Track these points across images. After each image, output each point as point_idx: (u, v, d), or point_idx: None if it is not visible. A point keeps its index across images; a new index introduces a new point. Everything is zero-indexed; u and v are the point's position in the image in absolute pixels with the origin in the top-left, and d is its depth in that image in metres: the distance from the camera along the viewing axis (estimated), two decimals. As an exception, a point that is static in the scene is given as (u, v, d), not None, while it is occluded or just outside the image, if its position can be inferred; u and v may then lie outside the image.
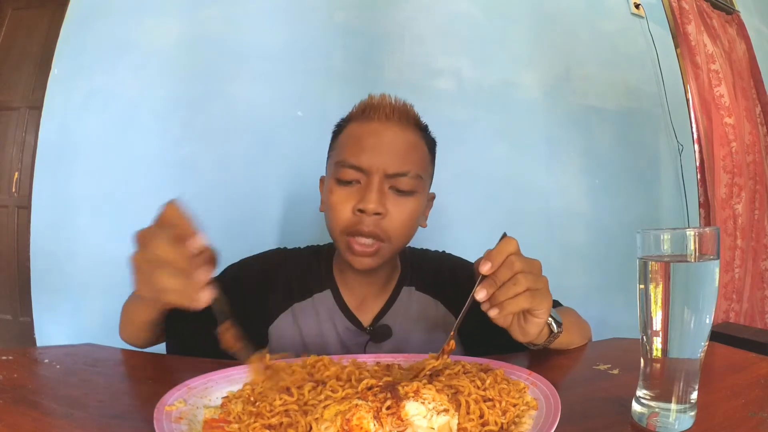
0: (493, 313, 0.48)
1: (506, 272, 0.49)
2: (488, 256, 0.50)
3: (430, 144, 0.76)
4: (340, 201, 0.67)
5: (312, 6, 1.42)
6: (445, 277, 0.79)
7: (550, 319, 0.56)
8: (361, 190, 0.67)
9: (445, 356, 0.50)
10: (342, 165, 0.68)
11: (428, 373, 0.48)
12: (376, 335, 0.73)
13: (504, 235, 0.53)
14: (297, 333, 0.72)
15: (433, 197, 0.78)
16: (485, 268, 0.49)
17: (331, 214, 0.68)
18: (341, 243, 0.68)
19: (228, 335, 0.46)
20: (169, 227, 0.45)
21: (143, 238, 0.46)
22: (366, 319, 0.75)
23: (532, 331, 0.54)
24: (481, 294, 0.48)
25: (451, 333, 0.52)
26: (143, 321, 0.62)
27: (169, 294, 0.43)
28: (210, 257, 0.45)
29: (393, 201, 0.67)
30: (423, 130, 0.74)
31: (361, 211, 0.65)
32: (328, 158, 0.75)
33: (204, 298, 0.43)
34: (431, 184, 0.76)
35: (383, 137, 0.68)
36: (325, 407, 0.37)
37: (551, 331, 0.58)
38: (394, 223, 0.67)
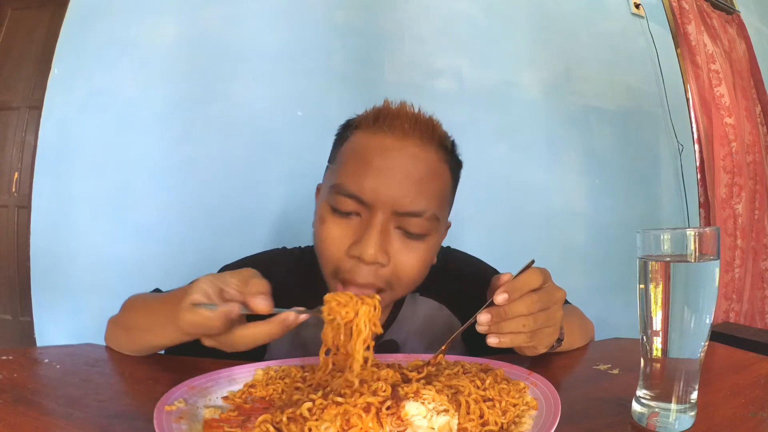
0: (490, 341, 0.47)
1: (520, 308, 0.46)
2: (508, 287, 0.46)
3: (456, 169, 0.61)
4: (332, 236, 0.55)
5: (312, 6, 1.42)
6: (450, 279, 0.72)
7: None
8: (359, 227, 0.54)
9: (430, 367, 0.50)
10: (339, 191, 0.54)
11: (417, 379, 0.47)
12: (381, 351, 0.69)
13: (531, 264, 0.49)
14: (298, 343, 0.66)
15: (448, 227, 0.66)
16: (500, 299, 0.46)
17: (321, 249, 0.56)
18: (330, 286, 0.57)
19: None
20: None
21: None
22: None
23: (528, 354, 0.55)
24: (484, 318, 0.47)
25: (443, 348, 0.51)
26: (166, 344, 0.56)
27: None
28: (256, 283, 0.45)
29: (399, 245, 0.55)
30: (449, 151, 0.59)
31: (357, 256, 0.53)
32: (326, 168, 0.62)
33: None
34: (450, 212, 0.64)
35: (396, 160, 0.54)
36: (324, 408, 0.37)
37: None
38: (398, 272, 0.55)
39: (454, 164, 0.61)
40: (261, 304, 0.43)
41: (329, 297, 0.47)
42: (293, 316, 0.45)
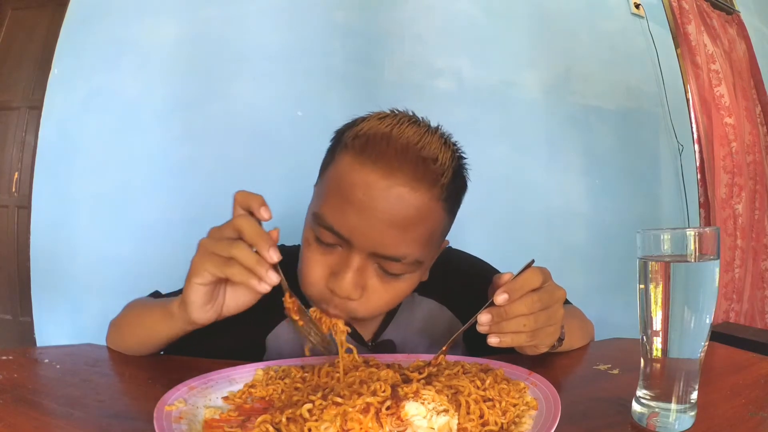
0: (491, 340, 0.47)
1: (520, 308, 0.46)
2: (508, 287, 0.46)
3: (454, 200, 0.56)
4: (312, 263, 0.54)
5: (312, 6, 1.42)
6: (451, 279, 0.71)
7: None
8: (339, 258, 0.53)
9: (431, 368, 0.50)
10: (320, 222, 0.53)
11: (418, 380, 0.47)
12: (378, 351, 0.66)
13: (531, 263, 0.49)
14: (297, 345, 0.64)
15: (445, 244, 0.63)
16: (500, 299, 0.46)
17: (302, 271, 0.56)
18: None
19: (292, 306, 0.49)
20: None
21: (217, 228, 0.48)
22: (367, 332, 0.67)
23: (529, 354, 0.55)
24: (484, 318, 0.47)
25: (443, 348, 0.51)
26: (164, 337, 0.56)
27: (236, 267, 0.44)
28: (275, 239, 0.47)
29: (375, 282, 0.54)
30: (445, 186, 0.53)
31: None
32: (318, 174, 0.60)
33: (272, 278, 0.44)
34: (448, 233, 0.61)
35: (380, 201, 0.49)
36: (323, 409, 0.37)
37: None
38: (369, 306, 0.54)
39: (451, 196, 0.55)
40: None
41: (313, 312, 0.54)
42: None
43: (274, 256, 0.44)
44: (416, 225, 0.51)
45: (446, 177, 0.53)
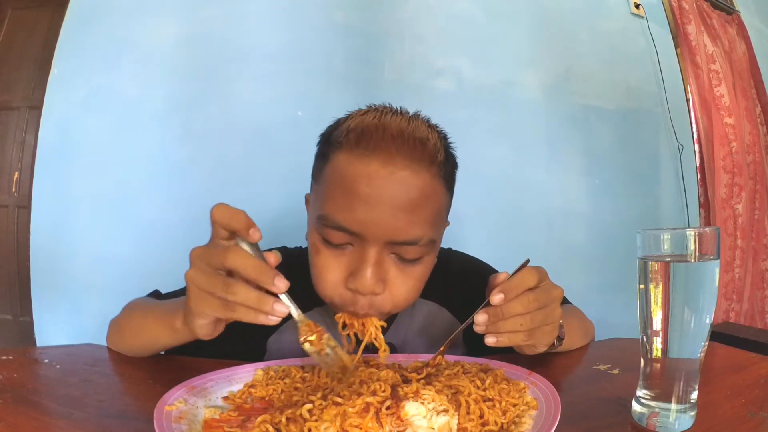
0: (488, 340, 0.47)
1: (516, 308, 0.46)
2: (504, 287, 0.46)
3: (451, 178, 0.57)
4: (326, 268, 0.54)
5: (312, 6, 1.42)
6: (454, 281, 0.71)
7: None
8: (353, 257, 0.52)
9: (430, 368, 0.50)
10: (327, 223, 0.52)
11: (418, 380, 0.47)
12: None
13: (526, 263, 0.49)
14: (299, 348, 0.63)
15: (447, 225, 0.63)
16: (496, 299, 0.46)
17: (316, 280, 0.55)
18: (331, 309, 0.58)
19: (317, 338, 0.46)
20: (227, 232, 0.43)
21: (201, 254, 0.42)
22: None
23: (528, 353, 0.55)
24: (481, 318, 0.47)
25: (441, 348, 0.51)
26: (166, 345, 0.55)
27: (240, 310, 0.40)
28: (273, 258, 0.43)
29: (395, 272, 0.54)
30: (442, 164, 0.54)
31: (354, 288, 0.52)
32: (312, 181, 0.59)
33: (280, 310, 0.41)
34: (448, 214, 0.61)
35: (384, 189, 0.50)
36: (323, 409, 0.37)
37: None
38: (396, 298, 0.54)
39: (448, 174, 0.56)
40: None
41: (338, 318, 0.55)
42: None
43: (281, 285, 0.41)
44: (423, 205, 0.52)
45: (440, 155, 0.54)
